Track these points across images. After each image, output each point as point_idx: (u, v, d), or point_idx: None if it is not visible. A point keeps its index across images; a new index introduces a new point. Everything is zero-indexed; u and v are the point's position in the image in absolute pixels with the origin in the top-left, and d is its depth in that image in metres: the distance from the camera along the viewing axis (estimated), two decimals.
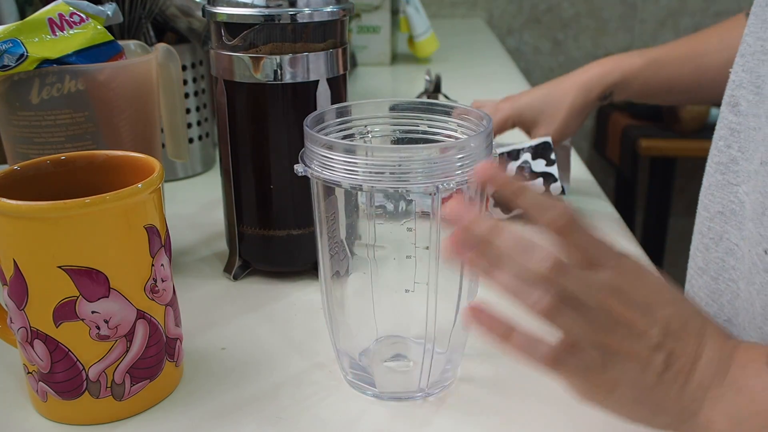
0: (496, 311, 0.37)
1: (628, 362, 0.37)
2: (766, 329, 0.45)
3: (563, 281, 0.36)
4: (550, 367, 0.37)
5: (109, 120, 0.57)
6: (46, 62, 0.54)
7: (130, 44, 0.63)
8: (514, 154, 0.73)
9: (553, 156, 0.72)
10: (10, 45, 0.53)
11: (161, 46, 0.63)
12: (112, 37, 0.58)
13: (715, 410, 0.38)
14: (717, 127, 0.55)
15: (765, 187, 0.46)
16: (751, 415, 0.37)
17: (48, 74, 0.54)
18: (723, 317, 0.51)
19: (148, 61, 0.59)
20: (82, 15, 0.57)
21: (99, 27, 0.57)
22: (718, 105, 0.58)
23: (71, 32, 0.56)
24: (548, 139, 0.73)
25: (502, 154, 0.73)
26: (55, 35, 0.55)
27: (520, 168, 0.71)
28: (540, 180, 0.72)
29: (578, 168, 0.89)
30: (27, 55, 0.53)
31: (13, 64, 0.53)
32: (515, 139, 0.82)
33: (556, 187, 0.72)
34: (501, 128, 0.81)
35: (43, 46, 0.54)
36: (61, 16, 0.56)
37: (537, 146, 0.72)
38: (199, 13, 0.82)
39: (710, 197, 0.54)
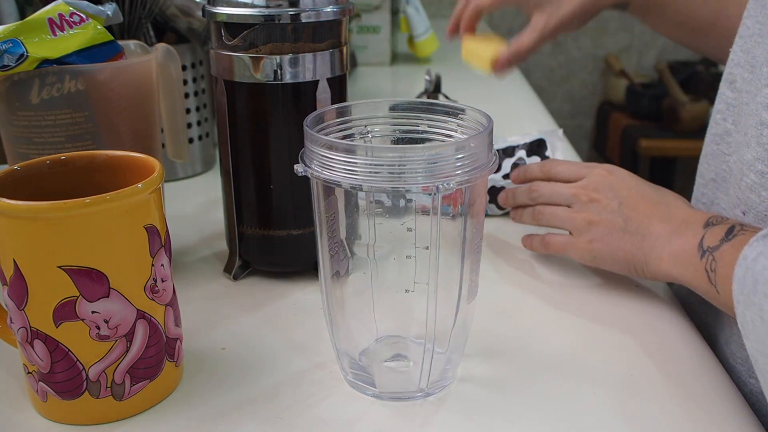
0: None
1: (599, 226, 0.58)
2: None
3: (558, 197, 0.61)
4: (558, 247, 0.61)
5: (109, 120, 0.57)
6: (46, 62, 0.54)
7: (130, 44, 0.63)
8: (509, 151, 0.74)
9: (547, 153, 0.73)
10: (10, 45, 0.53)
11: (161, 46, 0.63)
12: (112, 37, 0.58)
13: (663, 251, 0.54)
14: (716, 102, 0.61)
15: (744, 155, 0.54)
16: (683, 251, 0.52)
17: (48, 74, 0.54)
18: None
19: (148, 61, 0.59)
20: (82, 15, 0.57)
21: (99, 27, 0.57)
22: (716, 63, 0.63)
23: (71, 32, 0.56)
24: (543, 136, 0.74)
25: (497, 150, 0.73)
26: (55, 35, 0.55)
27: (515, 165, 0.72)
28: None
29: None
30: (27, 55, 0.53)
31: (13, 64, 0.53)
32: (511, 137, 0.82)
33: None
34: (501, 2, 0.79)
35: (43, 46, 0.54)
36: (61, 16, 0.56)
37: (532, 143, 0.74)
38: (199, 13, 0.82)
39: (705, 165, 0.61)
